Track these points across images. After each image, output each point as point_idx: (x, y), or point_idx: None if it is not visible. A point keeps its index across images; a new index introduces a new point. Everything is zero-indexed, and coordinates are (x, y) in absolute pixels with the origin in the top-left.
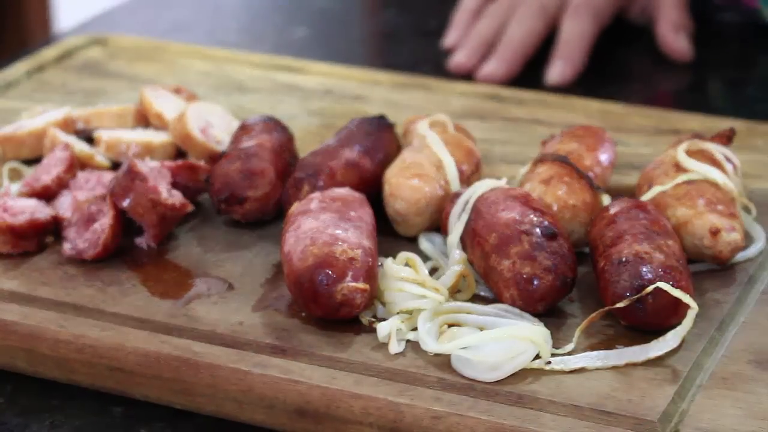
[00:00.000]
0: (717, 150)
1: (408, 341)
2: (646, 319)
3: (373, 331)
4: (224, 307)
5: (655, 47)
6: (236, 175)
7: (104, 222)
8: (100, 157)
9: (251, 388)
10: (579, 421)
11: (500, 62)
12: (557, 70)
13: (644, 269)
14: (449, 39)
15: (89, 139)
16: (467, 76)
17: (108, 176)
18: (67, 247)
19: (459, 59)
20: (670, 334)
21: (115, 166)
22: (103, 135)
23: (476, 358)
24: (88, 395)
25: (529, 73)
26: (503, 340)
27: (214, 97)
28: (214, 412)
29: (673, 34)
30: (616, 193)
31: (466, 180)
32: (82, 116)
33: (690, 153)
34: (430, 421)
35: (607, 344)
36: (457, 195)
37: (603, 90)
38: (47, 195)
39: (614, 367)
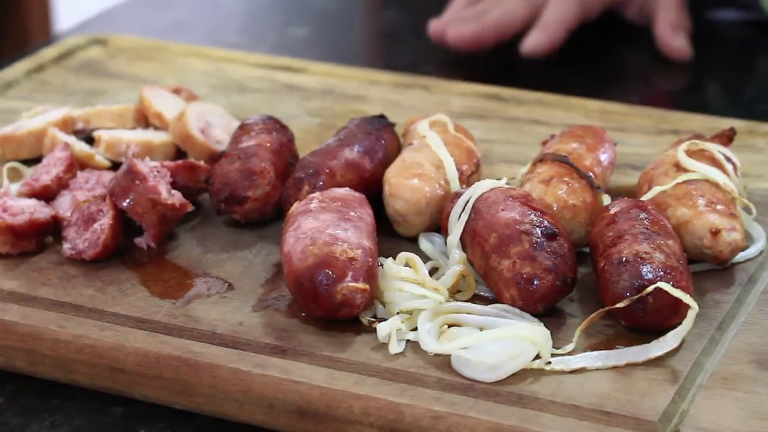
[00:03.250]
0: (717, 150)
1: (408, 341)
2: (646, 319)
3: (373, 331)
4: (224, 307)
5: (655, 47)
6: (236, 175)
7: (104, 222)
8: (100, 157)
9: (251, 388)
10: (579, 421)
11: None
12: (533, 39)
13: (644, 269)
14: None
15: (89, 139)
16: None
17: (108, 176)
18: (66, 247)
19: (435, 24)
20: (670, 334)
21: (115, 166)
22: (103, 135)
23: (476, 358)
24: (88, 395)
25: (526, 71)
26: (503, 341)
27: (214, 97)
28: (214, 413)
29: (672, 34)
30: (616, 193)
31: (466, 180)
32: (82, 116)
33: (690, 153)
34: (430, 421)
35: (607, 344)
36: (457, 195)
37: (603, 90)
38: (47, 195)
39: (614, 367)
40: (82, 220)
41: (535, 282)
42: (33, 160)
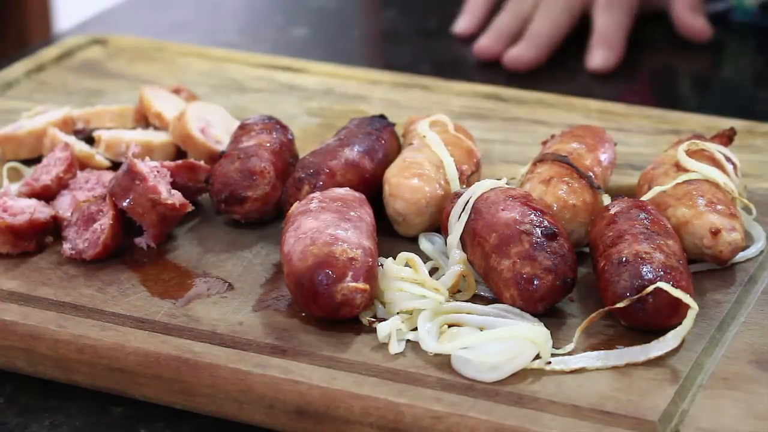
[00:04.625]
0: (717, 150)
1: (408, 341)
2: (647, 319)
3: (373, 331)
4: (224, 307)
5: (654, 47)
6: (236, 175)
7: (104, 222)
8: (100, 157)
9: (251, 388)
10: (579, 421)
11: (528, 47)
12: (600, 56)
13: (644, 269)
14: (462, 25)
15: (89, 139)
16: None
17: (108, 176)
18: (66, 247)
19: (484, 43)
20: (670, 334)
21: (115, 166)
22: (103, 135)
23: (476, 358)
24: (88, 395)
25: (530, 72)
26: (503, 341)
27: (214, 97)
28: (214, 413)
29: (691, 15)
30: (616, 193)
31: (466, 180)
32: (82, 116)
33: (690, 153)
34: (430, 421)
35: (608, 344)
36: (457, 195)
37: (603, 90)
38: (47, 195)
39: (614, 367)
40: (82, 220)
41: (535, 282)
42: (33, 160)
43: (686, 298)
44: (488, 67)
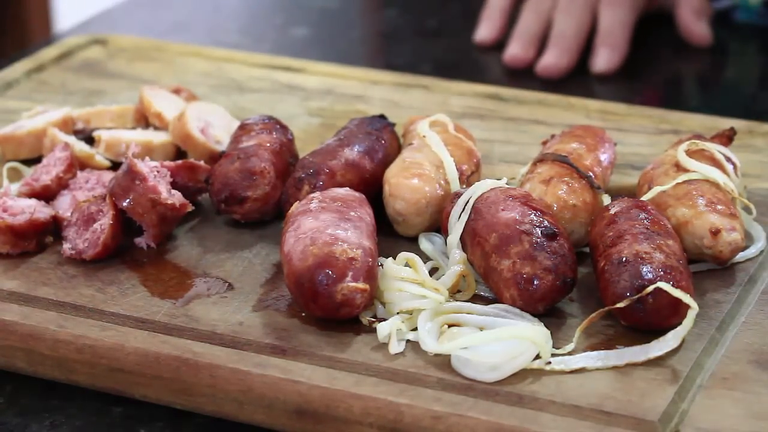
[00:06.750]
0: (717, 150)
1: (408, 341)
2: (647, 319)
3: (373, 331)
4: (224, 307)
5: (655, 47)
6: (236, 175)
7: (104, 222)
8: (100, 157)
9: (251, 388)
10: (579, 421)
11: (560, 53)
12: (604, 58)
13: (644, 269)
14: (483, 33)
15: (89, 139)
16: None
17: (108, 176)
18: (66, 247)
19: (514, 52)
20: (670, 334)
21: (115, 166)
22: (103, 135)
23: (476, 358)
24: (88, 395)
25: (531, 72)
26: (503, 341)
27: (214, 97)
28: (214, 412)
29: (694, 19)
30: (616, 193)
31: (466, 180)
32: (82, 116)
33: (690, 153)
34: (430, 421)
35: (608, 344)
36: (457, 195)
37: (603, 90)
38: (47, 195)
39: (614, 367)
40: (82, 220)
41: (535, 282)
42: (33, 160)
43: (686, 298)
44: (489, 67)
